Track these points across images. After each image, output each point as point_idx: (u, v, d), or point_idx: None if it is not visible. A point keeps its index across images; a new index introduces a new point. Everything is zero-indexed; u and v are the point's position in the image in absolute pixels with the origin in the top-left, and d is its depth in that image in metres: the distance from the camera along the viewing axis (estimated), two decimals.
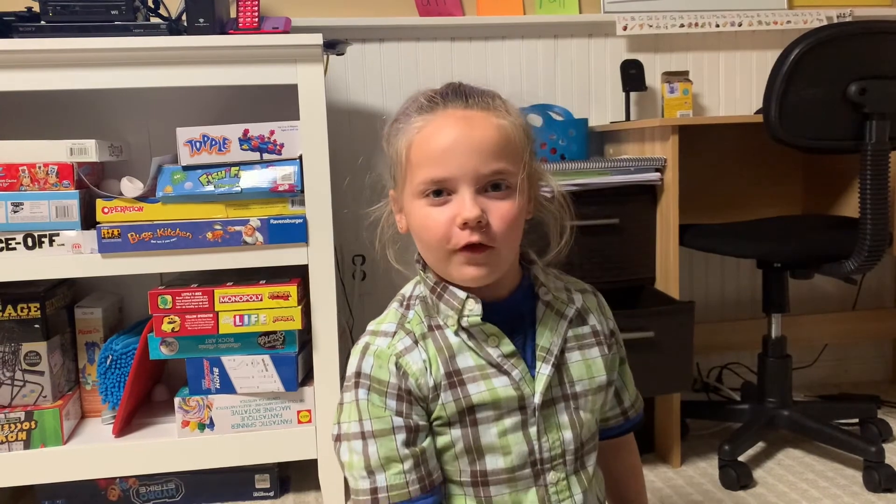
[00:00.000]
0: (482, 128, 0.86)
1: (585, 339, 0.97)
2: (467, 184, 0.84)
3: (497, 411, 0.89)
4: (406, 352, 0.90)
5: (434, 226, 0.85)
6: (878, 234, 1.53)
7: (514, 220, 0.86)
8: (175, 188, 1.56)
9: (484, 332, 0.90)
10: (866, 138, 1.49)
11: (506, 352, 0.90)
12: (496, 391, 0.89)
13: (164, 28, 1.55)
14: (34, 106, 1.79)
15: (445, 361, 0.89)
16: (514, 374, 0.90)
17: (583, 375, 0.95)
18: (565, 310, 0.95)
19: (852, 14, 2.20)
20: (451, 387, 0.89)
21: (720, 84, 2.23)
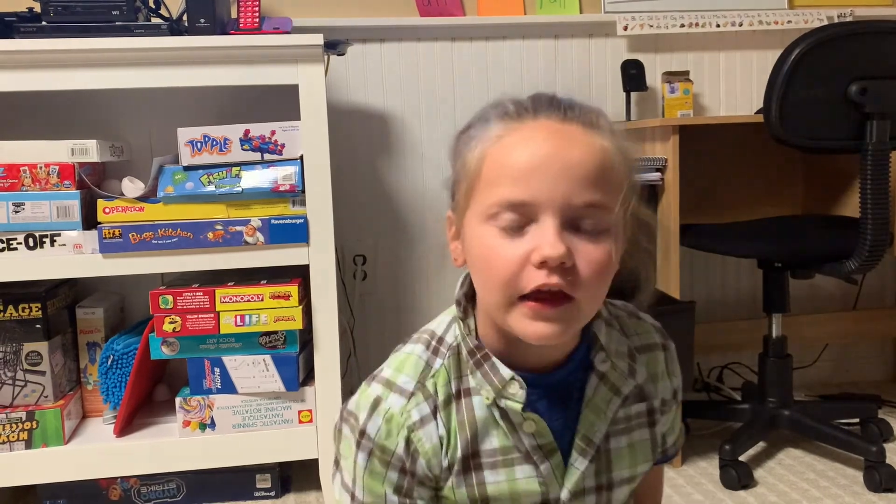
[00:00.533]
0: (582, 147, 0.68)
1: (637, 419, 0.81)
2: (553, 213, 0.65)
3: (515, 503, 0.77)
4: (421, 425, 0.74)
5: (501, 262, 0.67)
6: (879, 234, 1.53)
7: (605, 268, 0.68)
8: (176, 188, 1.56)
9: (521, 415, 0.74)
10: (867, 138, 1.49)
11: (542, 442, 0.75)
12: (516, 484, 0.75)
13: (165, 28, 1.55)
14: (35, 106, 1.80)
15: (466, 442, 0.74)
16: (542, 468, 0.75)
17: (625, 464, 0.80)
18: (622, 385, 0.78)
19: (853, 14, 2.20)
20: (464, 471, 0.75)
21: (721, 84, 2.23)
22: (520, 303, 0.67)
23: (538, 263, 0.65)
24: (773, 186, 2.16)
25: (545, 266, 0.65)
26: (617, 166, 0.70)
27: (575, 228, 0.67)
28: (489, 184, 0.69)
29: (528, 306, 0.66)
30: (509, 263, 0.66)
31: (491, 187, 0.68)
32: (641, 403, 0.81)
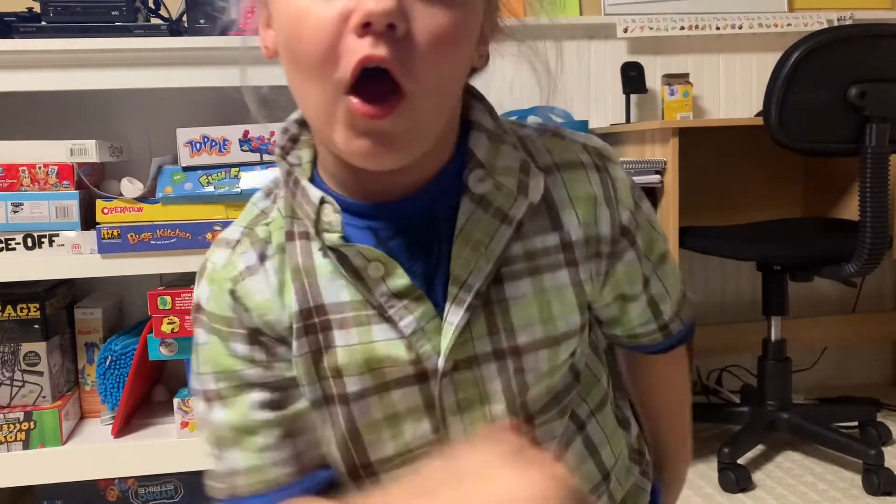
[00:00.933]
0: None
1: (547, 257, 0.59)
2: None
3: (378, 379, 0.57)
4: (248, 273, 0.59)
5: (310, 28, 0.48)
6: (878, 237, 1.53)
7: (454, 43, 0.50)
8: (175, 189, 1.56)
9: (362, 256, 0.55)
10: (866, 141, 1.49)
11: (396, 288, 0.56)
12: (374, 347, 0.57)
13: (165, 29, 1.55)
14: (34, 106, 1.79)
15: (303, 292, 0.57)
16: (403, 325, 0.56)
17: (533, 318, 0.58)
18: (510, 208, 0.57)
19: (852, 17, 2.21)
20: (307, 331, 0.57)
21: (720, 86, 2.24)
22: (342, 101, 0.49)
23: (359, 27, 0.47)
24: (773, 189, 2.16)
25: (368, 30, 0.47)
26: None
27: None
28: None
29: (349, 107, 0.49)
30: (321, 28, 0.48)
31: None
32: (553, 234, 0.59)
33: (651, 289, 0.66)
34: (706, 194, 2.07)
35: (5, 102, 1.71)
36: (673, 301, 0.69)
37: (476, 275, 0.56)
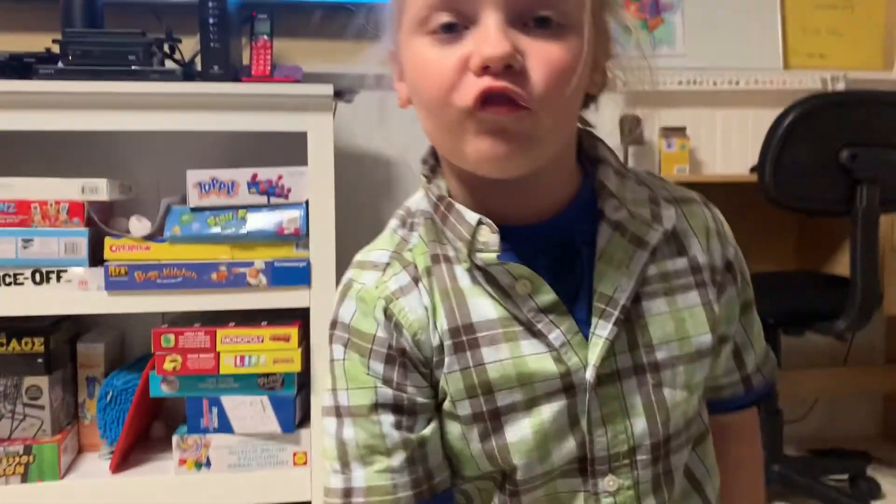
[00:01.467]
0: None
1: (678, 279, 0.64)
2: (495, 7, 0.53)
3: (528, 394, 0.60)
4: (401, 293, 0.62)
5: (435, 72, 0.55)
6: (868, 295, 1.57)
7: (567, 71, 0.55)
8: (183, 229, 1.59)
9: (510, 274, 0.60)
10: (857, 203, 1.54)
11: (543, 303, 0.60)
12: (524, 361, 0.59)
13: (179, 74, 1.59)
14: (46, 142, 1.83)
15: (452, 312, 0.60)
16: (552, 337, 0.59)
17: (670, 335, 0.62)
18: (647, 234, 0.63)
19: (845, 77, 2.27)
20: (457, 349, 0.60)
21: (717, 140, 2.29)
22: (467, 121, 0.54)
23: (478, 69, 0.53)
24: (767, 241, 2.20)
25: (487, 72, 0.53)
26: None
27: (526, 25, 0.55)
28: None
29: (476, 117, 0.54)
30: (444, 72, 0.54)
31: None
32: (681, 258, 0.64)
33: (736, 335, 0.70)
34: None
35: (19, 139, 1.75)
36: (757, 353, 0.72)
37: (620, 291, 0.60)
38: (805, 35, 2.33)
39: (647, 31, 2.23)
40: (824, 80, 2.27)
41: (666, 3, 2.23)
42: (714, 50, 2.24)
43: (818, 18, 2.34)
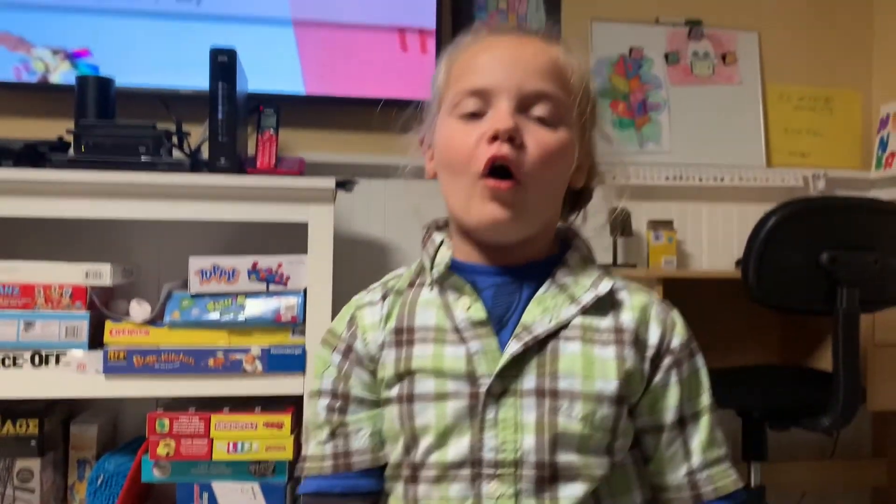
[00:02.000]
0: (537, 48, 0.77)
1: (600, 334, 0.75)
2: (507, 97, 0.74)
3: (439, 388, 0.73)
4: (368, 305, 0.82)
5: (460, 142, 0.74)
6: (851, 394, 1.60)
7: (554, 153, 0.74)
8: (182, 314, 1.62)
9: (456, 289, 0.77)
10: (837, 303, 1.59)
11: (475, 317, 0.75)
12: (441, 359, 0.74)
13: (187, 165, 1.65)
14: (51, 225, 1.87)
15: (402, 316, 0.78)
16: (471, 346, 0.74)
17: (574, 371, 0.73)
18: (580, 294, 0.75)
19: (826, 175, 2.36)
20: (396, 344, 0.77)
21: (703, 233, 2.36)
22: (478, 184, 0.73)
23: (490, 138, 0.72)
24: (752, 335, 2.25)
25: (496, 140, 0.72)
26: (570, 72, 0.78)
27: (528, 116, 0.74)
28: (456, 81, 0.78)
29: (485, 185, 0.72)
30: (467, 143, 0.74)
31: (457, 83, 0.77)
32: (608, 319, 0.76)
33: (686, 434, 0.78)
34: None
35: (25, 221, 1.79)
36: (706, 452, 0.78)
37: (539, 325, 0.74)
38: (787, 134, 2.44)
39: (636, 129, 2.32)
40: (806, 178, 2.36)
41: (653, 102, 2.34)
42: (699, 147, 2.34)
43: (799, 119, 2.45)
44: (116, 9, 1.97)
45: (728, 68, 2.39)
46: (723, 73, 2.39)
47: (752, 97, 2.40)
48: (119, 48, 1.97)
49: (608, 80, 2.32)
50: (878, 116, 2.47)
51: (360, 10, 2.06)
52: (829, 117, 2.47)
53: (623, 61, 2.33)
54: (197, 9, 2.00)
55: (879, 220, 1.64)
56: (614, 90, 2.32)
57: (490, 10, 2.27)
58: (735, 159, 2.35)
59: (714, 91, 2.38)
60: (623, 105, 2.32)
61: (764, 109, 2.41)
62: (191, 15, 2.00)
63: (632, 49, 2.34)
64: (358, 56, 2.08)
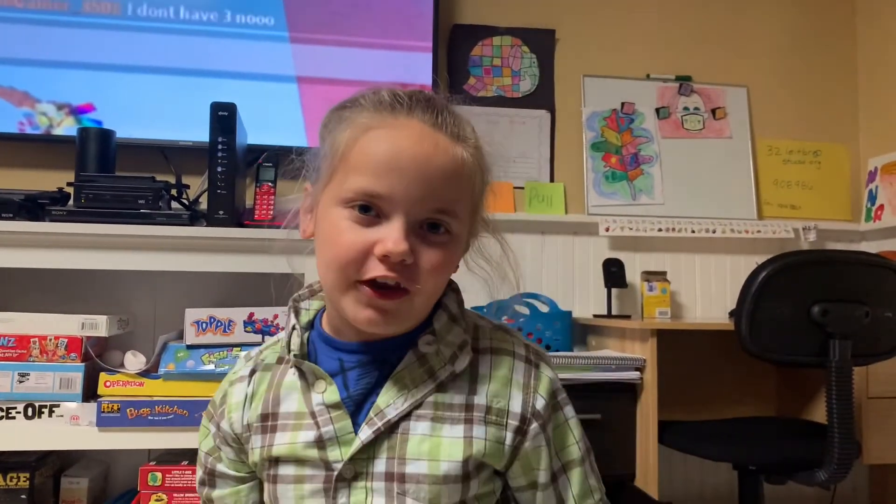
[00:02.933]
0: (443, 156, 0.72)
1: (451, 412, 0.75)
2: (404, 212, 0.69)
3: (298, 471, 0.75)
4: (238, 381, 0.82)
5: (346, 246, 0.70)
6: (846, 447, 1.60)
7: (444, 270, 0.73)
8: (177, 366, 1.62)
9: (313, 373, 0.76)
10: (830, 356, 1.60)
11: (328, 401, 0.75)
12: (296, 446, 0.75)
13: (186, 218, 1.67)
14: (48, 275, 1.89)
15: (267, 402, 0.78)
16: (324, 431, 0.74)
17: (421, 454, 0.73)
18: (439, 370, 0.75)
19: (816, 227, 2.39)
20: (262, 431, 0.78)
21: (696, 284, 2.38)
22: (355, 287, 0.70)
23: (381, 256, 0.68)
24: (747, 387, 2.25)
25: (386, 261, 0.69)
26: (473, 179, 0.75)
27: (422, 229, 0.71)
28: (352, 169, 0.71)
29: (364, 292, 0.70)
30: (353, 249, 0.69)
31: (352, 174, 0.71)
32: (461, 395, 0.75)
33: (559, 488, 0.79)
34: (684, 389, 2.15)
35: (21, 271, 1.80)
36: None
37: (392, 409, 0.74)
38: (777, 187, 2.47)
39: (629, 181, 2.36)
40: (797, 229, 2.39)
41: (645, 155, 2.38)
42: (691, 199, 2.38)
43: (788, 172, 2.49)
44: (121, 65, 2.01)
45: (718, 122, 2.44)
46: (713, 128, 2.44)
47: (742, 150, 2.45)
48: (123, 102, 2.01)
49: (601, 133, 2.36)
50: (867, 169, 2.51)
51: (360, 69, 2.12)
52: (818, 170, 2.51)
53: (615, 115, 2.38)
54: (204, 65, 2.05)
55: (870, 273, 1.66)
56: (607, 143, 2.36)
57: (485, 66, 2.32)
58: (726, 211, 2.39)
59: (705, 144, 2.42)
60: (616, 158, 2.36)
61: (754, 162, 2.46)
62: (197, 71, 2.04)
63: (623, 103, 2.39)
64: None
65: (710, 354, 2.22)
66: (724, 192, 2.40)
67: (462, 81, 2.30)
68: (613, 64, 2.41)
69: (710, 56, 2.48)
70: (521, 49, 2.35)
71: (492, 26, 2.35)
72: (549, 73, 2.36)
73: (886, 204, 2.38)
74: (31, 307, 1.66)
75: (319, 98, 2.10)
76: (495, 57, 2.33)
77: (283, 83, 2.10)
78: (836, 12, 2.60)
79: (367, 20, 2.15)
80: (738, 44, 2.51)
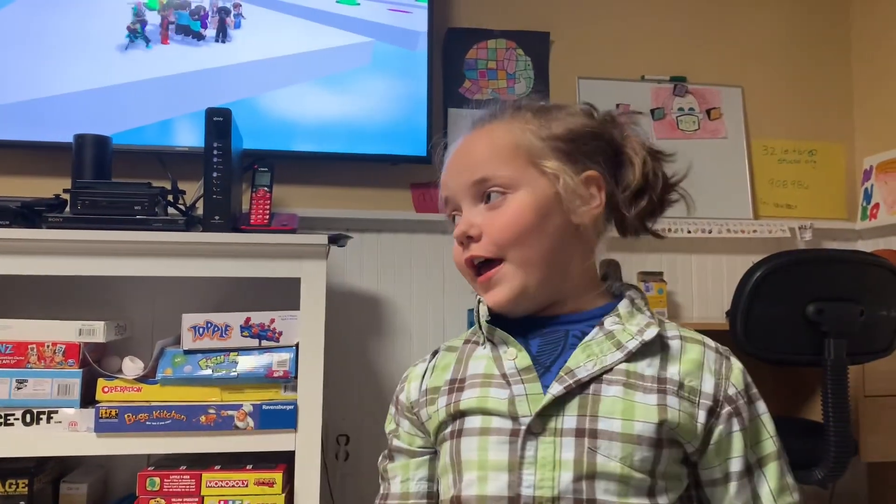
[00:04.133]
0: (474, 143, 0.84)
1: (643, 381, 0.76)
2: (464, 198, 0.82)
3: (484, 424, 0.77)
4: (421, 362, 0.90)
5: (455, 247, 0.84)
6: (842, 445, 1.61)
7: (516, 222, 0.79)
8: (175, 371, 1.63)
9: (503, 341, 0.81)
10: (825, 354, 1.60)
11: (521, 365, 0.78)
12: (486, 399, 0.78)
13: (182, 223, 1.68)
14: (45, 281, 1.89)
15: (457, 369, 0.84)
16: (514, 388, 0.76)
17: (614, 413, 0.74)
18: (627, 340, 0.77)
19: (812, 226, 2.40)
20: (449, 392, 0.82)
21: (693, 284, 2.39)
22: (475, 280, 0.83)
23: (459, 244, 0.82)
24: None
25: (461, 243, 0.81)
26: (504, 140, 0.82)
27: (484, 204, 0.81)
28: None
29: (477, 282, 0.82)
30: (457, 248, 0.83)
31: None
32: (652, 369, 0.76)
33: (754, 482, 0.78)
34: None
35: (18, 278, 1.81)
36: (777, 498, 0.78)
37: (582, 369, 0.76)
38: (773, 187, 2.48)
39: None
40: (793, 229, 2.40)
41: None
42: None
43: (784, 171, 2.50)
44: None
45: (713, 123, 2.45)
46: (708, 128, 2.44)
47: (737, 151, 2.45)
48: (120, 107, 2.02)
49: None
50: (862, 168, 2.51)
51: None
52: (814, 169, 2.52)
53: None
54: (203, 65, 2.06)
55: (865, 271, 1.66)
56: None
57: (480, 69, 2.33)
58: (723, 211, 2.39)
59: (700, 145, 2.43)
60: None
61: (749, 162, 2.46)
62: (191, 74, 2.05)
63: (618, 105, 2.40)
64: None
65: None
66: (720, 193, 2.41)
67: (457, 85, 2.31)
68: (608, 66, 2.42)
69: (705, 57, 2.49)
70: (516, 52, 2.36)
71: (486, 29, 2.35)
72: (543, 76, 2.37)
73: (882, 202, 2.38)
74: (28, 314, 1.67)
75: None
76: (490, 60, 2.34)
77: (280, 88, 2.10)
78: (830, 11, 2.60)
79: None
80: (733, 44, 2.52)
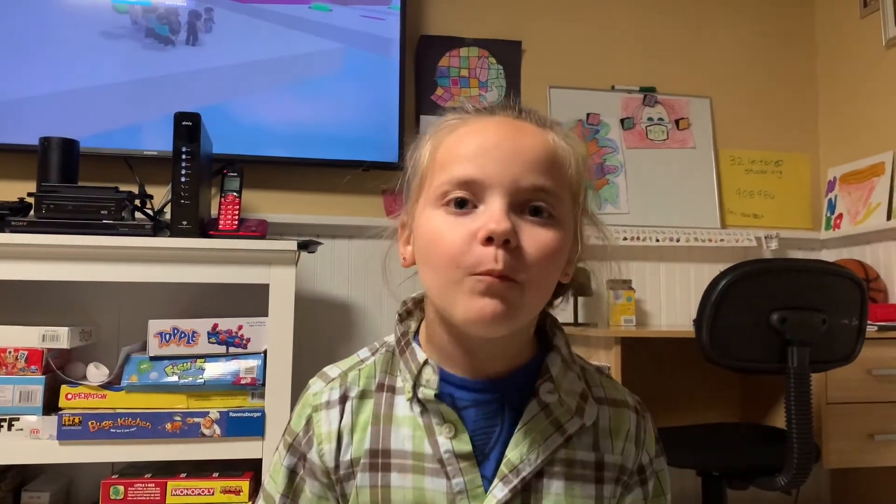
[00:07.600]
0: (533, 137, 0.69)
1: (583, 469, 0.72)
2: (502, 193, 0.65)
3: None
4: (325, 407, 0.73)
5: (448, 240, 0.65)
6: (805, 452, 1.63)
7: (553, 254, 0.66)
8: (140, 377, 1.61)
9: (441, 415, 0.70)
10: (789, 362, 1.63)
11: (459, 450, 0.69)
12: (423, 494, 0.69)
13: (149, 228, 1.66)
14: (6, 286, 1.86)
15: (377, 435, 0.71)
16: (455, 482, 0.69)
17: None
18: (566, 423, 0.71)
19: (778, 236, 2.44)
20: (371, 468, 0.70)
21: (661, 292, 2.41)
22: (467, 278, 0.64)
23: (484, 240, 0.63)
24: (712, 393, 2.28)
25: (491, 243, 0.63)
26: (567, 162, 0.70)
27: (523, 212, 0.66)
28: (441, 168, 0.68)
29: (477, 279, 0.63)
30: (456, 241, 0.64)
31: (443, 170, 0.68)
32: (591, 453, 0.72)
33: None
34: (649, 396, 2.16)
35: None
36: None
37: (526, 465, 0.69)
38: (740, 196, 2.52)
39: (594, 191, 2.38)
40: (759, 238, 2.44)
41: (610, 165, 2.41)
42: (656, 209, 2.41)
43: (751, 181, 2.54)
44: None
45: (682, 133, 2.48)
46: (677, 138, 2.48)
47: (705, 160, 2.49)
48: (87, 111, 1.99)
49: None
50: (826, 179, 2.56)
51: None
52: (780, 180, 2.56)
53: (581, 126, 2.41)
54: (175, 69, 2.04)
55: (827, 281, 1.69)
56: None
57: (452, 77, 2.34)
58: (690, 220, 2.42)
59: (669, 155, 2.46)
60: None
61: (717, 172, 2.50)
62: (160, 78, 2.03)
63: (589, 114, 2.42)
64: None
65: (674, 362, 2.25)
66: (688, 202, 2.44)
67: (429, 92, 2.31)
68: (579, 75, 2.44)
69: (674, 68, 2.52)
70: (489, 60, 2.37)
71: (459, 37, 2.36)
72: (515, 84, 2.38)
73: (845, 213, 2.43)
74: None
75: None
76: (462, 68, 2.35)
77: (251, 93, 2.09)
78: (795, 25, 2.66)
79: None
80: (702, 56, 2.55)
